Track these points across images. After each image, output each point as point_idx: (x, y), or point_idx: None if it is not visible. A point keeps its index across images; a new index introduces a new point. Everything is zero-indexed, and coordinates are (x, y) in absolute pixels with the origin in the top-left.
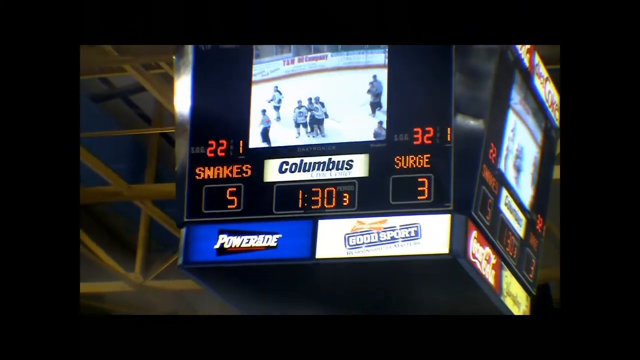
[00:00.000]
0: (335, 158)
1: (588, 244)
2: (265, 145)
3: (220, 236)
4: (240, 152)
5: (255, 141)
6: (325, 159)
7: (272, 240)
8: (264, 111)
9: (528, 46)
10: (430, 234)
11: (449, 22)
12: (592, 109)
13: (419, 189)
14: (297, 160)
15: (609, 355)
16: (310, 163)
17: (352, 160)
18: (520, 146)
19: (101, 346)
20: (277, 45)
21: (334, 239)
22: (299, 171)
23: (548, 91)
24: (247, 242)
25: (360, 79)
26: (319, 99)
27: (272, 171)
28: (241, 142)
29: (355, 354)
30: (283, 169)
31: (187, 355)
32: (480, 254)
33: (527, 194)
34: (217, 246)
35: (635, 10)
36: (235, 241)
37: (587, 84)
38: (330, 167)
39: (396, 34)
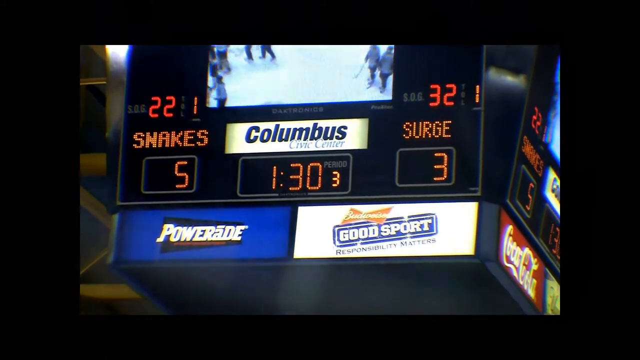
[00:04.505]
0: (322, 123)
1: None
2: (222, 98)
3: (166, 226)
4: (195, 112)
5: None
6: (309, 123)
7: (235, 232)
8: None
9: None
10: (449, 228)
11: (449, 22)
12: (592, 109)
13: (435, 167)
14: (271, 124)
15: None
16: (288, 129)
17: (345, 127)
18: None
19: (101, 346)
20: None
21: (320, 232)
22: (274, 140)
23: None
24: (202, 235)
25: None
26: None
27: (238, 139)
28: (196, 99)
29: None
30: (252, 137)
31: (188, 355)
32: (517, 257)
33: None
34: (161, 239)
35: (635, 10)
36: (186, 233)
37: (587, 84)
38: (316, 135)
39: (395, 32)
